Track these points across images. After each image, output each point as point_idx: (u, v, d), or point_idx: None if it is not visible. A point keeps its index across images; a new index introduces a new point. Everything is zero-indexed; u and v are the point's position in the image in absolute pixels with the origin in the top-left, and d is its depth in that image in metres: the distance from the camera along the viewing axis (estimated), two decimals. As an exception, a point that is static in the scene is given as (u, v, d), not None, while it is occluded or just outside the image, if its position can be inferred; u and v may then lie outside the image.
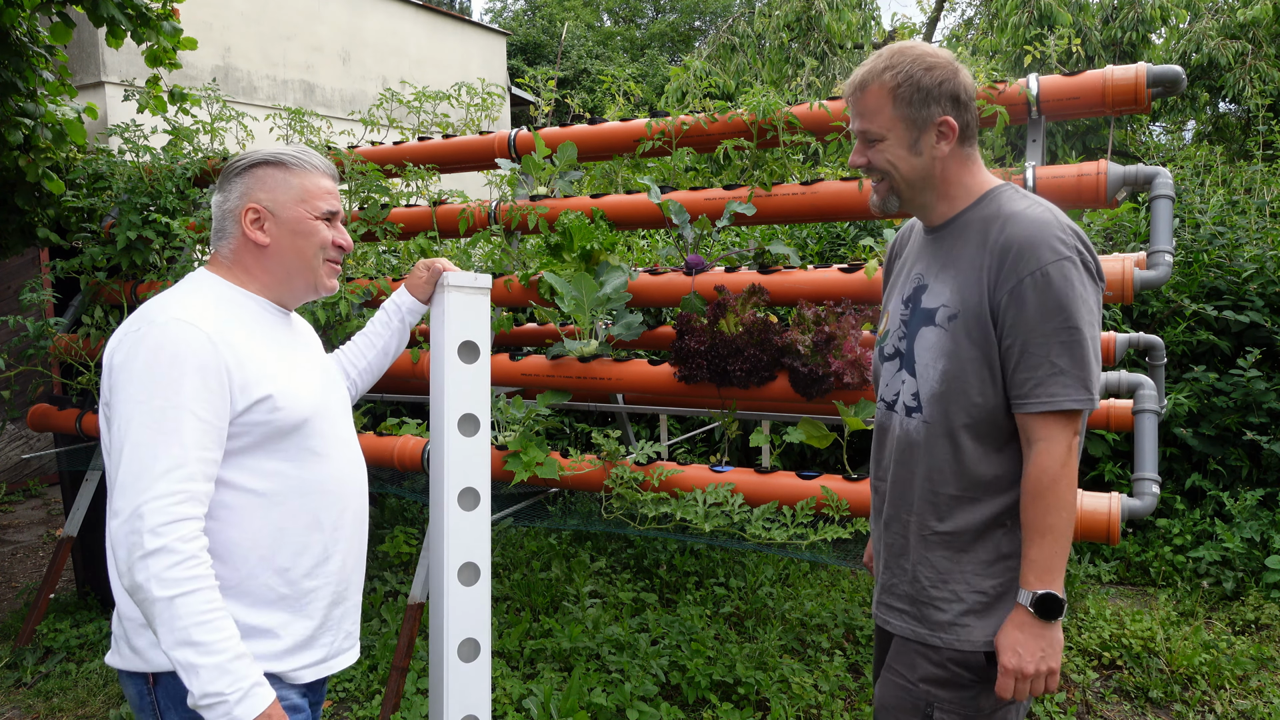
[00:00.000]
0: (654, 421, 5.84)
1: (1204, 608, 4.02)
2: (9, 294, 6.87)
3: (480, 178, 6.56)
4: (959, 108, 1.64)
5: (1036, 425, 1.55)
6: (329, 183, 1.69)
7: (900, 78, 1.62)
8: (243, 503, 1.51)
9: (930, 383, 1.65)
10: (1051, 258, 1.52)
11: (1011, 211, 1.60)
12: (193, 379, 1.44)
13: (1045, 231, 1.54)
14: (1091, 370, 1.53)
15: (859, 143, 1.71)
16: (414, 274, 2.02)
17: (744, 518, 2.62)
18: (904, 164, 1.66)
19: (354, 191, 3.61)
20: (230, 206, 1.63)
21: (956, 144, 1.65)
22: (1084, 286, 1.54)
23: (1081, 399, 1.52)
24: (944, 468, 1.64)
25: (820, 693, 3.22)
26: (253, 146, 4.22)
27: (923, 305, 1.69)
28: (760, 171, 3.25)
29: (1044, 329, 1.52)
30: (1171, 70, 2.47)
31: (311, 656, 1.59)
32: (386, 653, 3.49)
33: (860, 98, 1.68)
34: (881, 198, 1.73)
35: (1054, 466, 1.53)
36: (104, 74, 7.93)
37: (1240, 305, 4.71)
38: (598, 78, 7.48)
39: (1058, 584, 1.54)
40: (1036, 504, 1.54)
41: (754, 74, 10.96)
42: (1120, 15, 10.40)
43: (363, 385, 2.03)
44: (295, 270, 1.65)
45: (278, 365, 1.57)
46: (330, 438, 1.64)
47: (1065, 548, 1.54)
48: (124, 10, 3.68)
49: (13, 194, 3.90)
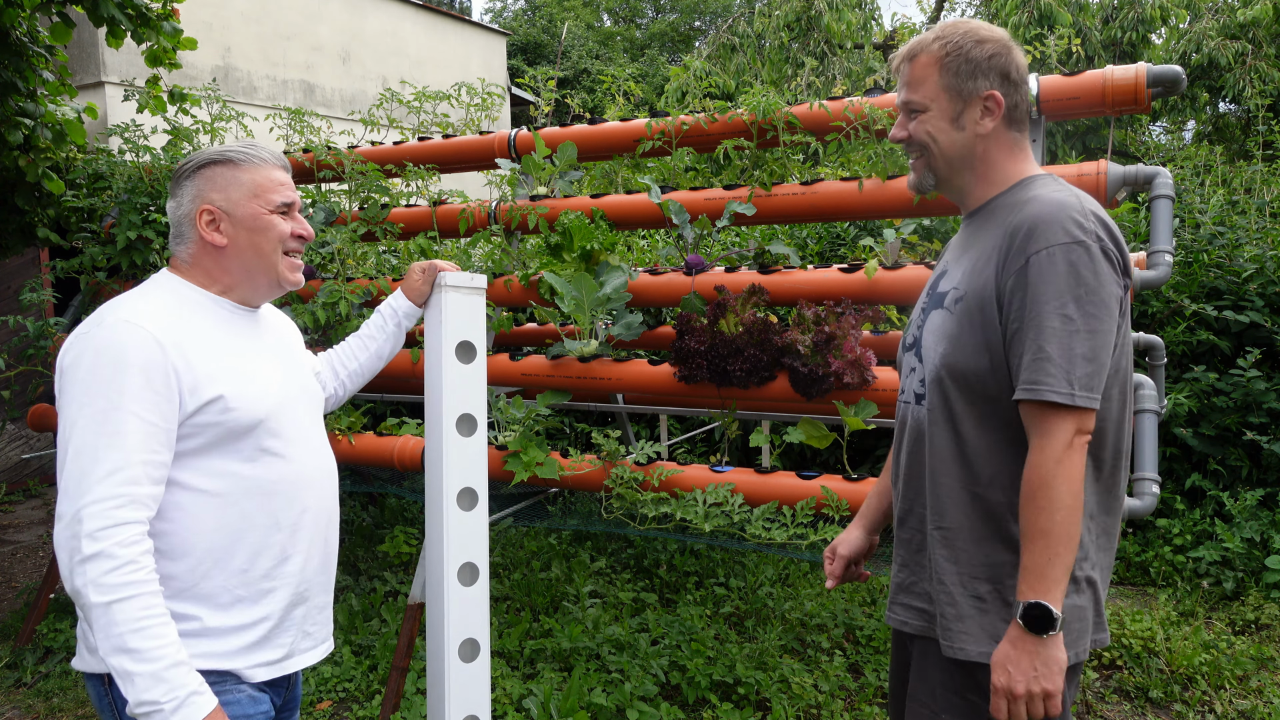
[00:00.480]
0: (654, 421, 5.84)
1: (1204, 608, 4.02)
2: (9, 294, 6.87)
3: (480, 178, 6.56)
4: (1008, 85, 1.57)
5: (1029, 416, 1.45)
6: (281, 174, 1.66)
7: (949, 48, 1.57)
8: (197, 503, 1.50)
9: (932, 366, 1.57)
10: (1063, 239, 1.42)
11: (1034, 194, 1.52)
12: (136, 380, 1.42)
13: (1061, 212, 1.44)
14: (1077, 364, 1.41)
15: (901, 115, 1.65)
16: (409, 278, 2.00)
17: (744, 518, 2.63)
18: (944, 138, 1.59)
19: (354, 191, 3.61)
20: (184, 211, 1.61)
21: (1002, 124, 1.58)
22: (1095, 275, 1.42)
23: (1062, 393, 1.40)
24: (945, 457, 1.55)
25: (820, 693, 3.22)
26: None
27: (938, 290, 1.63)
28: (760, 171, 3.25)
29: (1042, 312, 1.42)
30: (1171, 70, 2.47)
31: (267, 655, 1.57)
32: (386, 653, 3.49)
33: (907, 67, 1.62)
34: (918, 175, 1.65)
35: (1047, 463, 1.41)
36: (104, 74, 7.93)
37: (1240, 305, 4.71)
38: (598, 78, 7.48)
39: (1053, 595, 1.40)
40: (1029, 504, 1.43)
41: (754, 74, 10.96)
42: (1120, 15, 10.40)
43: (351, 387, 2.01)
44: (255, 268, 1.63)
45: (233, 366, 1.55)
46: (290, 438, 1.61)
47: (1063, 555, 1.40)
48: (124, 10, 3.68)
49: (13, 194, 3.90)
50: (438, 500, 1.87)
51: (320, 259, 3.52)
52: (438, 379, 1.89)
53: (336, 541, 1.73)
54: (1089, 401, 1.42)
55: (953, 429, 1.54)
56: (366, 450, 3.19)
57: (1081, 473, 1.43)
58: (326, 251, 3.45)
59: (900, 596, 1.67)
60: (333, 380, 1.98)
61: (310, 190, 3.90)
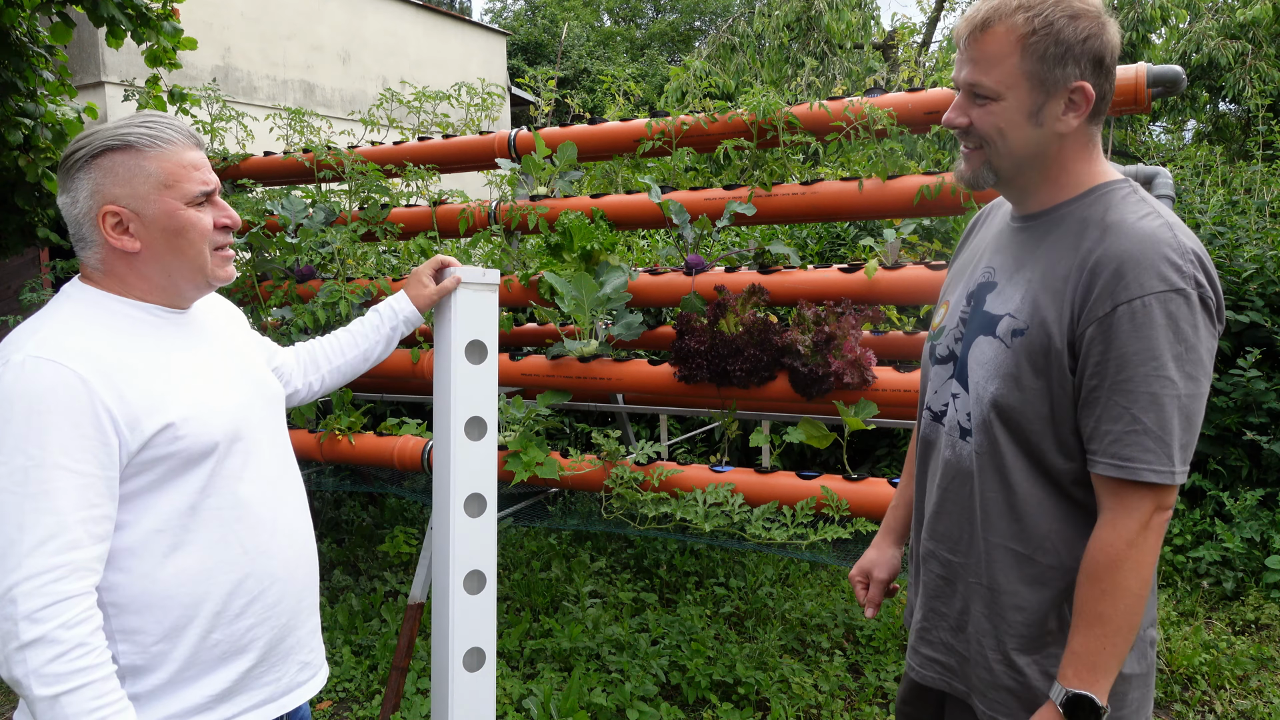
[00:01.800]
0: (654, 421, 5.84)
1: (1204, 608, 4.02)
2: (9, 294, 6.87)
3: (480, 178, 6.56)
4: (1100, 74, 1.30)
5: (1108, 491, 1.27)
6: (194, 154, 1.38)
7: (1038, 23, 1.27)
8: (152, 544, 1.30)
9: (982, 405, 1.36)
10: (1159, 287, 1.21)
11: (1118, 219, 1.28)
12: (60, 428, 1.21)
13: (1155, 251, 1.22)
14: (1175, 436, 1.22)
15: (962, 97, 1.36)
16: (416, 282, 1.85)
17: (744, 518, 2.62)
18: (1017, 134, 1.32)
19: (354, 191, 3.61)
20: (81, 210, 1.34)
21: (1085, 119, 1.32)
22: (1194, 330, 1.22)
23: (1162, 471, 1.22)
24: (994, 511, 1.37)
25: (820, 693, 3.22)
26: (252, 147, 4.24)
27: (985, 308, 1.40)
28: (760, 171, 3.25)
29: (1134, 375, 1.22)
30: (1171, 70, 2.47)
31: (250, 699, 1.41)
32: (386, 653, 3.49)
33: (979, 40, 1.31)
34: (973, 170, 1.38)
35: (1118, 544, 1.24)
36: (104, 74, 7.94)
37: (1240, 305, 4.71)
38: (598, 78, 7.48)
39: (1100, 685, 1.25)
40: (1091, 584, 1.26)
41: (754, 74, 10.96)
42: (1120, 15, 10.40)
43: (330, 384, 1.83)
44: (178, 271, 1.39)
45: (175, 385, 1.34)
46: (251, 453, 1.42)
47: (1119, 646, 1.25)
48: (124, 10, 3.69)
49: (13, 194, 3.91)
50: (445, 505, 1.81)
51: (320, 259, 3.52)
52: (447, 380, 1.81)
53: (316, 557, 1.55)
54: (1184, 478, 1.25)
55: (1002, 479, 1.35)
56: (366, 450, 3.19)
57: (1155, 557, 1.26)
58: (326, 251, 3.45)
59: (918, 645, 1.52)
60: (306, 374, 1.79)
61: (310, 190, 3.90)
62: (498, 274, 1.89)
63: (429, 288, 1.85)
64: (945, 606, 1.46)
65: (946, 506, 1.45)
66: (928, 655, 1.49)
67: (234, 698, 1.40)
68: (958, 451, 1.42)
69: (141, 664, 1.32)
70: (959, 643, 1.44)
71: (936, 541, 1.47)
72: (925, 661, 1.49)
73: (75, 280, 1.40)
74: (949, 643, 1.46)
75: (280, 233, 3.50)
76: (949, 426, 1.45)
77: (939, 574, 1.47)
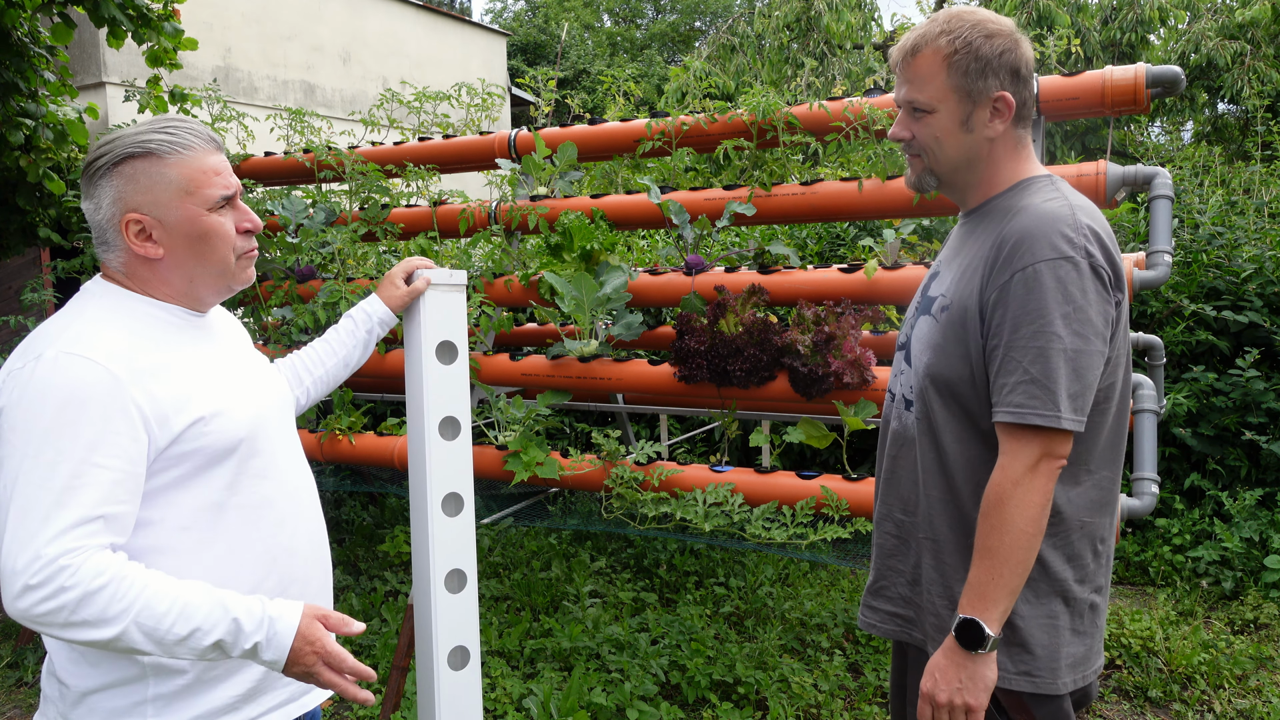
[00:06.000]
0: (654, 421, 5.84)
1: (1203, 607, 4.02)
2: (10, 294, 6.88)
3: (480, 178, 6.57)
4: (1018, 83, 1.49)
5: (1004, 436, 1.41)
6: (215, 159, 1.39)
7: (958, 44, 1.46)
8: (178, 543, 1.32)
9: (919, 376, 1.55)
10: (1049, 255, 1.37)
11: (1027, 203, 1.46)
12: (92, 424, 1.22)
13: (1051, 226, 1.39)
14: (1060, 385, 1.36)
15: (903, 114, 1.55)
16: (389, 284, 1.86)
17: (744, 518, 2.63)
18: (951, 141, 1.51)
19: (354, 192, 3.61)
20: (104, 217, 1.35)
21: (1010, 124, 1.50)
22: (1083, 294, 1.37)
23: (1048, 414, 1.36)
24: (930, 468, 1.53)
25: (820, 692, 3.22)
26: (253, 148, 4.24)
27: (929, 294, 1.60)
28: (760, 172, 3.26)
29: (1023, 332, 1.37)
30: (1170, 71, 2.48)
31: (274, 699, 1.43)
32: (387, 653, 3.49)
33: (910, 63, 1.51)
34: (917, 175, 1.59)
35: (1005, 483, 1.38)
36: (105, 74, 7.94)
37: (1239, 305, 4.72)
38: (598, 78, 7.49)
39: (990, 614, 1.38)
40: (983, 520, 1.40)
41: (754, 74, 10.97)
42: (1119, 16, 10.41)
43: (316, 394, 1.84)
44: (201, 276, 1.41)
45: (201, 383, 1.36)
46: (272, 452, 1.45)
47: (1008, 577, 1.38)
48: (125, 11, 3.70)
49: (14, 194, 3.91)
50: (422, 506, 1.81)
51: (320, 259, 3.52)
52: (418, 381, 1.82)
53: (330, 558, 1.59)
54: (1074, 425, 1.37)
55: (934, 440, 1.52)
56: (366, 450, 3.20)
57: (1044, 498, 1.38)
58: (327, 251, 3.45)
59: (870, 600, 1.66)
60: (297, 386, 1.82)
61: (311, 190, 3.91)
62: (465, 275, 1.89)
63: (400, 289, 1.86)
64: (901, 564, 1.61)
65: (897, 472, 1.61)
66: (886, 610, 1.64)
67: (258, 698, 1.41)
68: (903, 422, 1.60)
69: (168, 664, 1.33)
70: (915, 594, 1.59)
71: (889, 505, 1.63)
72: (884, 616, 1.64)
73: (98, 278, 1.42)
74: (907, 596, 1.61)
75: (281, 233, 3.50)
76: (897, 400, 1.63)
77: (893, 534, 1.62)
